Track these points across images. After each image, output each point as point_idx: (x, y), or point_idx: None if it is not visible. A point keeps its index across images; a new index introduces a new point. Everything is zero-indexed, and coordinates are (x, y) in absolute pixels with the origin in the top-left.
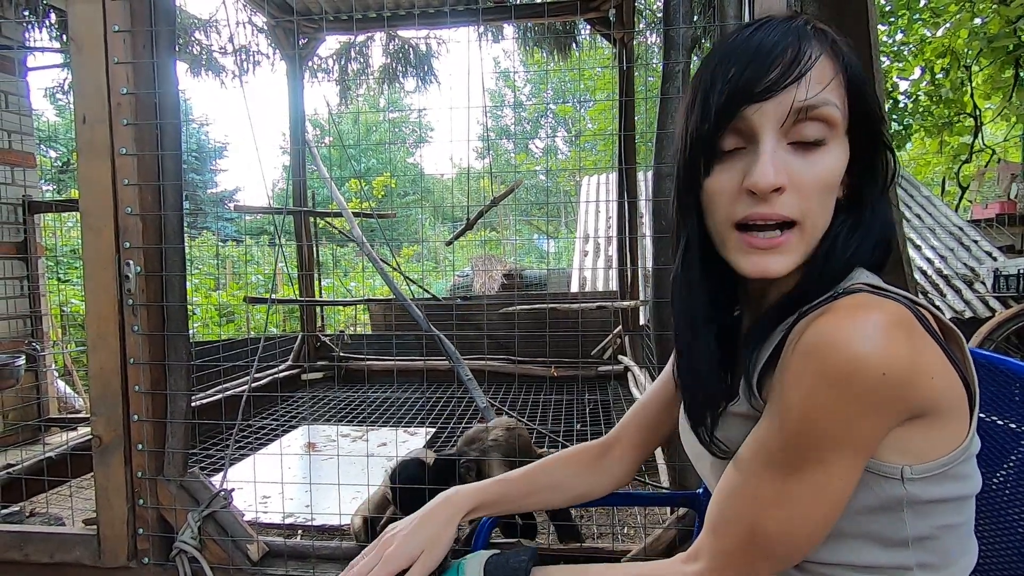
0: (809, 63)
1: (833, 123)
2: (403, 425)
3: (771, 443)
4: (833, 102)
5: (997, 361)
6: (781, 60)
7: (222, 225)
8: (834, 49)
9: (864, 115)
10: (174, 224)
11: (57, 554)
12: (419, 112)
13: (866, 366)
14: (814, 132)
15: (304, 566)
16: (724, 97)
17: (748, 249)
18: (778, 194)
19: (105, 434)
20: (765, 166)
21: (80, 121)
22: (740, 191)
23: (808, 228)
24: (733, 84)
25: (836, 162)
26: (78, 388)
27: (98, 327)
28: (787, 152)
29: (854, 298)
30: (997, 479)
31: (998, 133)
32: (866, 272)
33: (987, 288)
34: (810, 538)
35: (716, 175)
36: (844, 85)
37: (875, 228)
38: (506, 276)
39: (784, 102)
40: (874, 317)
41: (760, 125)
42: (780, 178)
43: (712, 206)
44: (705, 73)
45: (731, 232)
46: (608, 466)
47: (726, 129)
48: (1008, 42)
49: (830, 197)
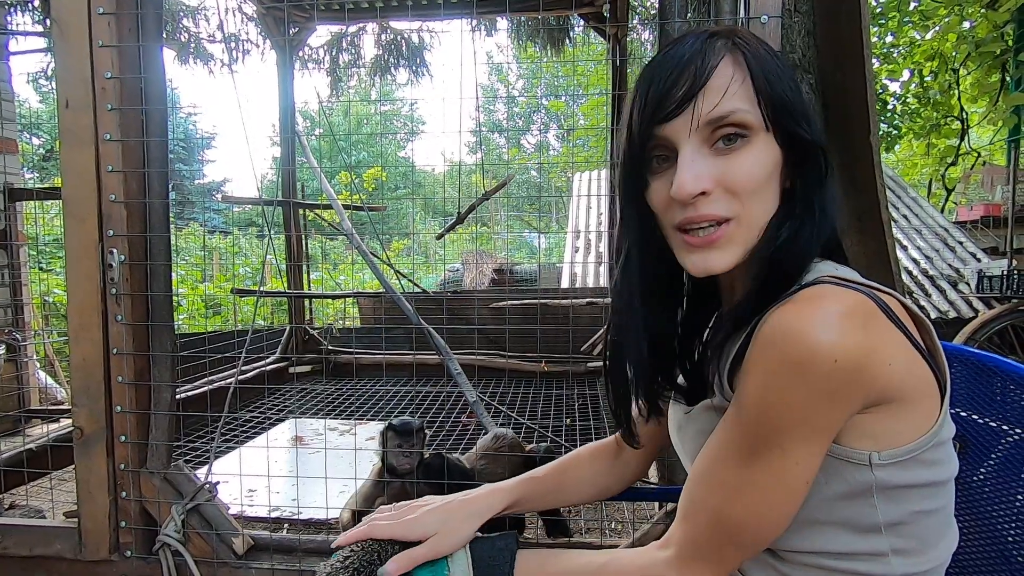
0: (706, 76)
1: (747, 125)
2: (392, 418)
3: (734, 431)
4: (740, 107)
5: (979, 357)
6: (686, 76)
7: (209, 216)
8: (738, 54)
9: (778, 113)
10: (159, 212)
11: (37, 547)
12: (411, 105)
13: (819, 354)
14: (732, 134)
15: (290, 560)
16: (640, 120)
17: (690, 248)
18: (705, 197)
19: (87, 425)
20: (683, 176)
21: (63, 106)
22: (672, 199)
23: (745, 220)
24: (646, 108)
25: (761, 158)
26: (60, 379)
27: (81, 317)
28: (710, 155)
29: (813, 289)
30: (978, 476)
31: (984, 137)
32: (831, 264)
33: (971, 289)
34: (775, 524)
35: (652, 187)
36: (751, 86)
37: (819, 221)
38: (497, 271)
39: (688, 117)
40: (829, 306)
41: (675, 138)
42: (700, 184)
43: (659, 213)
44: (633, 95)
45: (676, 234)
46: (625, 463)
47: (649, 147)
48: (995, 47)
49: (765, 191)
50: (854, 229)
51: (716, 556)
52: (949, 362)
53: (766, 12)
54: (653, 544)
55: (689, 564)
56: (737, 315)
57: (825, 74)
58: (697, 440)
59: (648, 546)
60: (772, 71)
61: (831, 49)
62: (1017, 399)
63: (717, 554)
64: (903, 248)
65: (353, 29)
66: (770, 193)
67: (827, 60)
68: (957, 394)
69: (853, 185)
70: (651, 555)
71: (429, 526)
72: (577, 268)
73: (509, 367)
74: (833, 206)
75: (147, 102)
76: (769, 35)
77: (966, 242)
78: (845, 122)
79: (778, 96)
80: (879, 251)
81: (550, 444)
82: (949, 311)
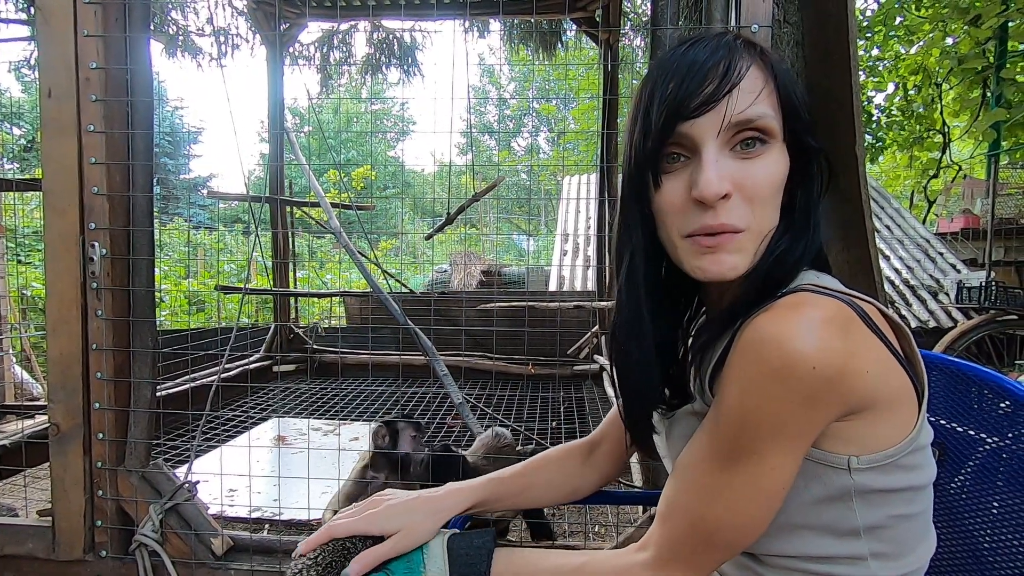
0: (740, 76)
1: (770, 132)
2: (376, 419)
3: (712, 436)
4: (767, 112)
5: (957, 365)
6: (713, 75)
7: (195, 212)
8: (763, 60)
9: (795, 123)
10: (143, 206)
11: (8, 546)
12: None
13: (797, 361)
14: (753, 139)
15: (270, 561)
16: (662, 115)
17: (702, 251)
18: (725, 200)
19: (63, 422)
20: (709, 175)
21: (45, 95)
22: (688, 201)
23: (755, 231)
24: (670, 101)
25: (778, 166)
26: (37, 374)
27: (59, 310)
28: (730, 158)
29: (792, 297)
30: (955, 484)
31: (965, 150)
32: (813, 272)
33: (950, 299)
34: (750, 528)
35: (664, 188)
36: (775, 94)
37: (813, 234)
38: (485, 273)
39: (719, 115)
40: (808, 314)
41: (700, 137)
42: (724, 185)
43: (664, 218)
44: (644, 91)
45: (682, 240)
46: (595, 464)
47: (667, 144)
48: (977, 63)
49: (775, 200)
50: (838, 238)
51: (693, 559)
52: (928, 370)
53: (756, 22)
54: (631, 546)
55: (666, 566)
56: (722, 319)
57: (812, 84)
58: (679, 444)
59: (627, 548)
60: (791, 81)
61: (819, 60)
62: (993, 407)
63: (694, 557)
64: (886, 258)
65: (345, 27)
66: (776, 205)
67: (815, 70)
68: (936, 402)
69: (838, 194)
70: (629, 557)
71: (392, 521)
72: (565, 271)
73: (496, 369)
74: (820, 218)
75: (133, 94)
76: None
77: (946, 253)
78: (831, 132)
79: (796, 106)
80: (862, 260)
81: (535, 448)
82: (929, 321)
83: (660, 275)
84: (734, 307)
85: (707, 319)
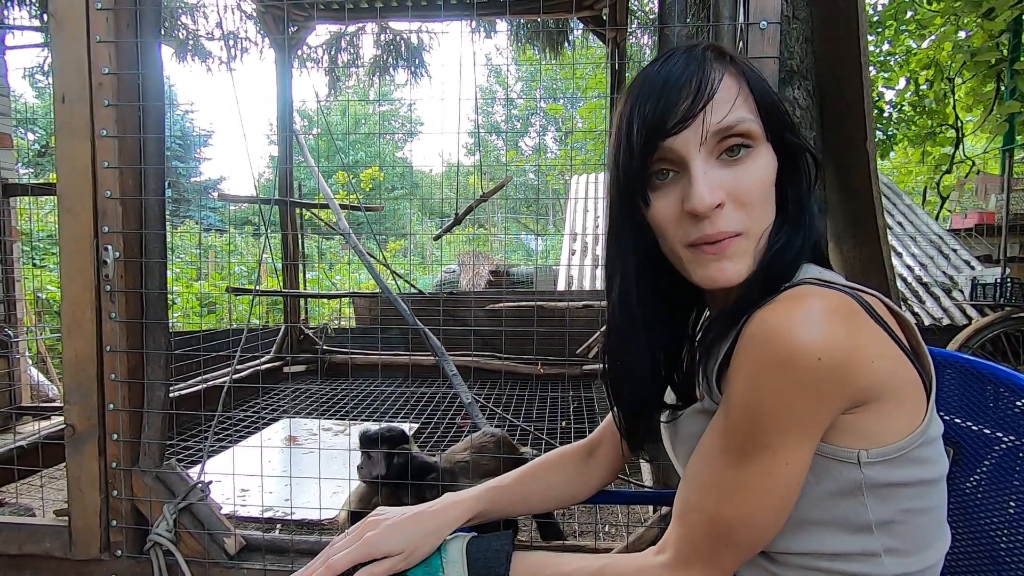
0: (713, 89)
1: (752, 135)
2: (386, 419)
3: (722, 433)
4: (746, 117)
5: (971, 363)
6: (687, 91)
7: (205, 214)
8: (735, 67)
9: (775, 122)
10: (155, 209)
11: (26, 545)
12: (409, 106)
13: (802, 352)
14: (737, 144)
15: (282, 560)
16: (643, 136)
17: (705, 258)
18: (720, 209)
19: (79, 423)
20: (700, 189)
21: (59, 101)
22: (682, 214)
23: (753, 232)
24: (648, 122)
25: (766, 168)
26: (52, 376)
27: (74, 313)
28: (718, 167)
29: (796, 289)
30: (970, 483)
31: (978, 145)
32: (816, 268)
33: (964, 296)
34: (769, 524)
35: (656, 204)
36: (751, 98)
37: (809, 226)
38: (493, 273)
39: (699, 128)
40: (812, 305)
41: (684, 151)
42: (716, 195)
43: (664, 232)
44: (623, 113)
45: (686, 250)
46: (594, 466)
47: (653, 161)
48: (990, 56)
49: (768, 200)
50: (849, 235)
51: (713, 558)
52: (942, 368)
53: (765, 18)
54: (650, 549)
55: (686, 567)
56: (727, 316)
57: (822, 80)
58: (688, 443)
59: (646, 551)
60: (763, 82)
61: (828, 55)
62: (1009, 406)
63: (713, 556)
64: (898, 255)
65: (352, 29)
66: (770, 203)
67: (824, 66)
68: (950, 400)
69: (849, 191)
70: (648, 559)
71: (393, 542)
72: (574, 271)
73: (505, 369)
74: (816, 210)
75: (144, 98)
76: (768, 40)
77: (960, 250)
78: (841, 128)
79: (772, 105)
80: (874, 257)
81: (545, 448)
82: (943, 318)
83: (652, 293)
84: (738, 303)
85: (712, 317)
